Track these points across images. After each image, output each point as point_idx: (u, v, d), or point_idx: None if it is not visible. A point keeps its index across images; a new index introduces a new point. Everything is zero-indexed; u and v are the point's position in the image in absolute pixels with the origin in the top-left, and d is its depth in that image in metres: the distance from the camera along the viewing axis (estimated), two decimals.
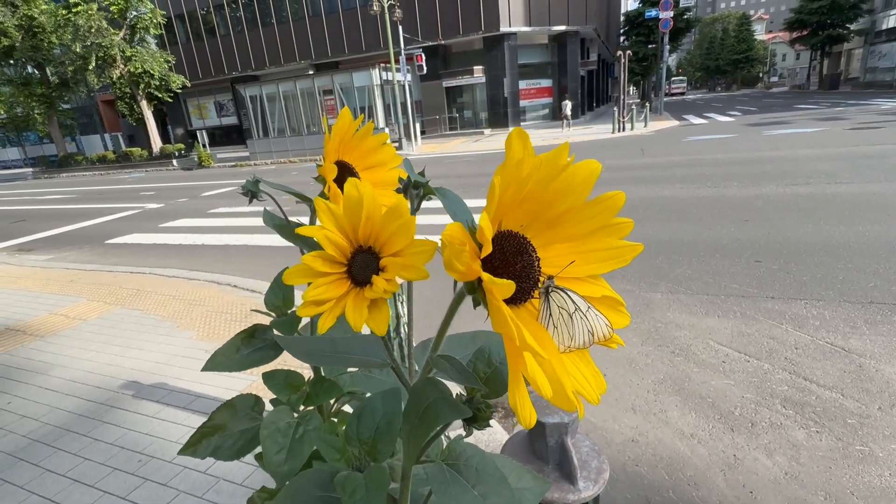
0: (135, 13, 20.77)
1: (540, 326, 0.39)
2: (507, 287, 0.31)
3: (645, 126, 16.61)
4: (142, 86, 21.74)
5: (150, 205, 10.04)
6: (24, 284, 4.60)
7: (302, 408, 0.67)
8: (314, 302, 0.41)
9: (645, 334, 2.84)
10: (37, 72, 22.78)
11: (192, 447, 0.67)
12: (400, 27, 16.63)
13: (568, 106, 18.08)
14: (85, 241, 6.94)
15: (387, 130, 17.71)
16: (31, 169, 27.88)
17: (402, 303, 2.03)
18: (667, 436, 2.03)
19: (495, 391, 0.46)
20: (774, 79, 60.94)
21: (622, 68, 18.89)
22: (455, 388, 0.51)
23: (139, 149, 23.42)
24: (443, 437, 0.56)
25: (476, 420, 0.45)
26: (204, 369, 0.67)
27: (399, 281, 0.42)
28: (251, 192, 0.69)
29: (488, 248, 0.34)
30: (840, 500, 1.65)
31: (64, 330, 3.36)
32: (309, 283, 0.41)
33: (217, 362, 0.67)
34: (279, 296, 0.74)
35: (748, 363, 2.47)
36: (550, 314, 0.38)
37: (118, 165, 23.12)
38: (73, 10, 18.99)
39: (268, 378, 0.68)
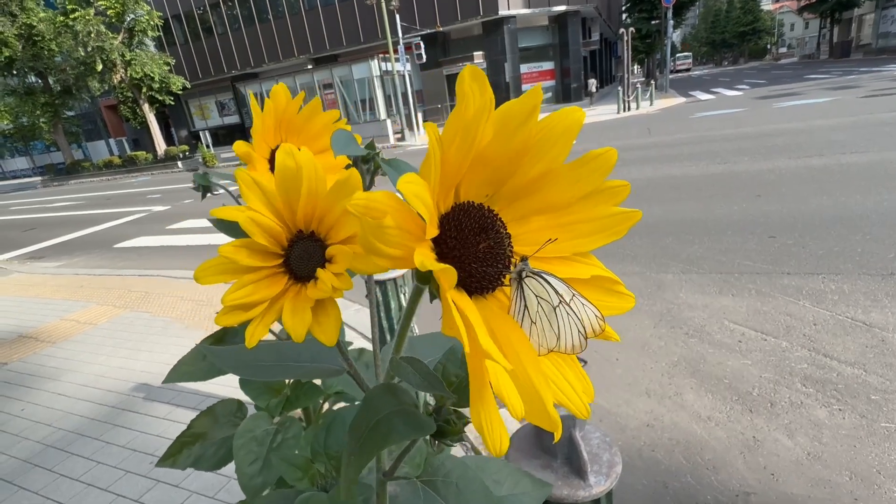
0: (132, 16, 20.74)
1: (511, 323, 0.31)
2: (448, 274, 0.24)
3: (651, 105, 16.31)
4: (143, 89, 21.79)
5: (156, 207, 10.09)
6: (35, 292, 4.65)
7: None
8: (239, 307, 0.33)
9: (657, 316, 2.77)
10: (39, 81, 22.92)
11: (172, 458, 0.63)
12: (397, 16, 16.40)
13: (594, 84, 20.20)
14: (94, 246, 6.99)
15: (389, 122, 17.59)
16: (39, 177, 28.19)
17: (404, 294, 1.98)
18: (683, 419, 1.98)
19: (468, 399, 0.40)
20: (783, 50, 59.43)
21: (625, 46, 18.50)
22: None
23: (144, 152, 23.58)
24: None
25: (444, 435, 0.37)
26: (165, 381, 0.62)
27: (355, 277, 0.34)
28: (203, 186, 0.63)
29: (432, 224, 0.26)
30: (866, 480, 1.60)
31: (75, 335, 3.38)
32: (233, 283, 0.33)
33: (181, 372, 0.63)
34: None
35: (765, 342, 2.40)
36: (526, 306, 0.31)
37: (124, 170, 23.30)
38: (71, 16, 19.02)
39: (244, 383, 0.63)
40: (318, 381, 0.70)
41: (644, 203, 4.97)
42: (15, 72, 21.80)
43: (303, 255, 0.34)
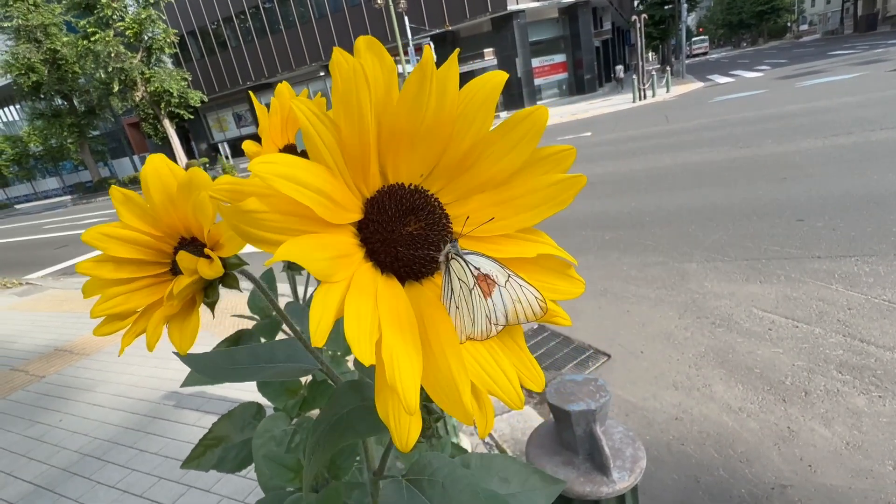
0: (149, 35, 21.35)
1: (442, 309, 0.29)
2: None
3: (667, 91, 15.95)
4: (162, 105, 22.41)
5: None
6: (69, 306, 4.82)
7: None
8: (113, 316, 0.33)
9: (682, 307, 2.71)
10: (65, 103, 23.80)
11: (196, 460, 0.64)
12: (406, 18, 16.46)
13: (620, 70, 21.09)
14: None
15: None
16: (69, 196, 29.27)
17: None
18: (713, 411, 1.93)
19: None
20: (804, 27, 57.38)
21: (638, 34, 18.16)
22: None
23: None
24: (455, 438, 0.50)
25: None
26: (184, 385, 0.63)
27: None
28: None
29: (327, 206, 0.25)
30: None
31: (107, 347, 3.49)
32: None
33: (197, 377, 0.64)
34: (263, 297, 0.69)
35: (797, 329, 2.32)
36: (452, 290, 0.29)
37: None
38: (92, 38, 19.67)
39: (262, 385, 0.64)
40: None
41: (664, 191, 4.86)
42: (42, 95, 22.70)
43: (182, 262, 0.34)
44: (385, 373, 0.23)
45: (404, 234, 0.29)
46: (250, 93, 0.55)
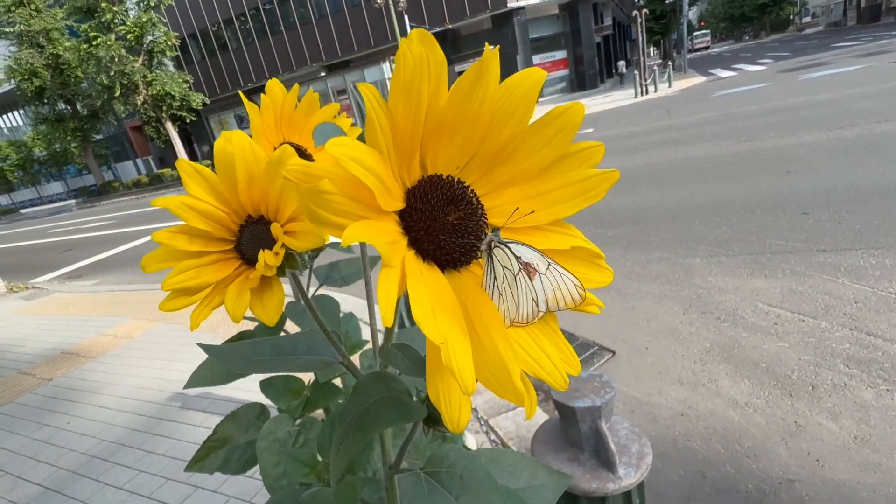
0: (150, 38, 21.41)
1: (483, 296, 0.30)
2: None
3: (669, 86, 15.88)
4: (164, 108, 22.50)
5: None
6: (75, 309, 4.84)
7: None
8: (181, 290, 0.32)
9: (686, 302, 2.70)
10: (68, 107, 23.92)
11: (200, 462, 0.64)
12: (406, 17, 16.44)
13: (623, 65, 21.88)
14: (127, 263, 7.25)
15: None
16: (73, 200, 29.43)
17: None
18: (719, 407, 1.92)
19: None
20: (807, 19, 56.94)
21: (640, 29, 18.09)
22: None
23: (169, 169, 24.35)
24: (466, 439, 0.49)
25: (436, 421, 0.36)
26: (186, 387, 0.63)
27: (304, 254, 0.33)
28: None
29: (385, 191, 0.26)
30: None
31: (113, 349, 3.51)
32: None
33: (200, 377, 0.64)
34: None
35: (803, 323, 2.31)
36: (495, 277, 0.30)
37: (152, 188, 24.12)
38: (94, 42, 19.75)
39: (265, 386, 0.64)
40: (337, 381, 0.70)
41: (667, 187, 4.84)
42: (46, 100, 22.82)
43: (253, 239, 0.34)
44: (441, 355, 0.24)
45: (446, 223, 0.29)
46: (240, 93, 0.55)
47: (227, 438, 0.66)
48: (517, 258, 0.29)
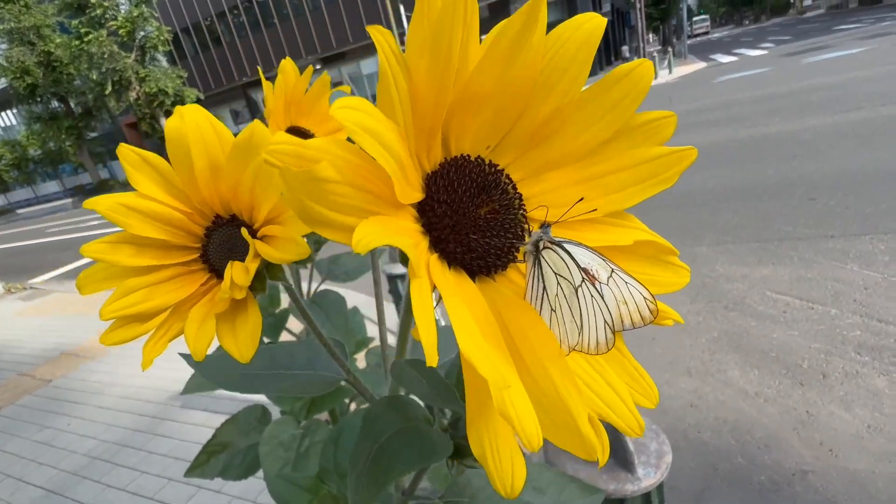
0: (142, 33, 21.17)
1: (528, 311, 0.24)
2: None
3: (670, 73, 15.72)
4: (156, 104, 22.31)
5: None
6: (75, 309, 4.81)
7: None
8: (130, 318, 0.25)
9: (693, 291, 2.66)
10: (61, 105, 23.72)
11: (200, 468, 0.61)
12: (401, 6, 16.22)
13: (626, 50, 21.83)
14: None
15: None
16: (70, 199, 29.31)
17: None
18: (729, 397, 1.89)
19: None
20: (808, 2, 56.30)
21: (639, 15, 17.87)
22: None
23: None
24: None
25: (464, 454, 0.29)
26: (184, 392, 0.60)
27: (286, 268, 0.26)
28: None
29: (405, 180, 0.19)
30: None
31: (113, 349, 3.48)
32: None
33: (197, 383, 0.60)
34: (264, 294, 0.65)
35: (812, 310, 2.27)
36: (545, 288, 0.23)
37: None
38: (85, 38, 19.53)
39: None
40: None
41: None
42: (38, 98, 22.61)
43: (223, 246, 0.27)
44: (489, 394, 0.17)
45: (477, 217, 0.23)
46: (258, 69, 0.50)
47: (228, 442, 0.63)
48: (577, 264, 0.23)
